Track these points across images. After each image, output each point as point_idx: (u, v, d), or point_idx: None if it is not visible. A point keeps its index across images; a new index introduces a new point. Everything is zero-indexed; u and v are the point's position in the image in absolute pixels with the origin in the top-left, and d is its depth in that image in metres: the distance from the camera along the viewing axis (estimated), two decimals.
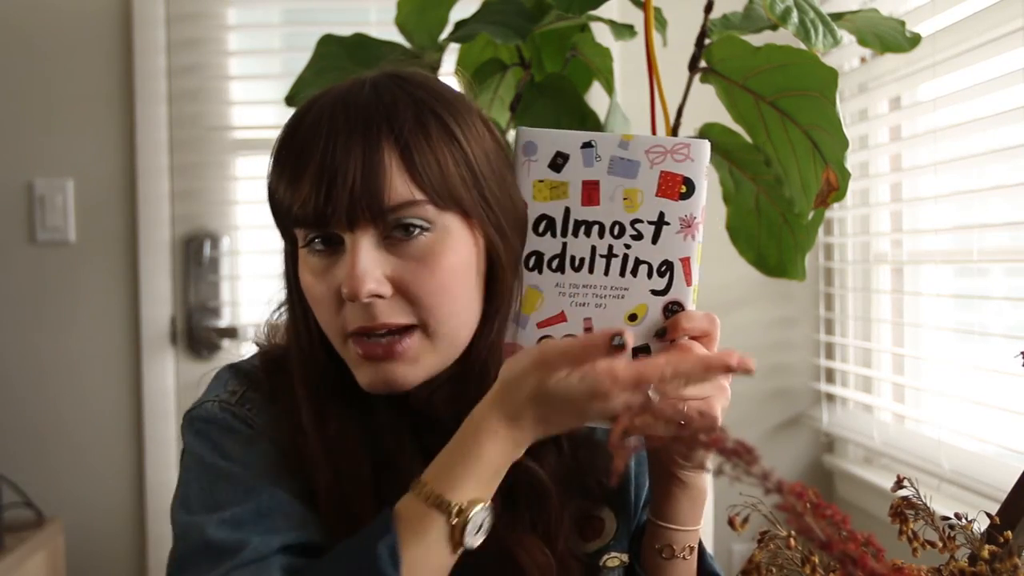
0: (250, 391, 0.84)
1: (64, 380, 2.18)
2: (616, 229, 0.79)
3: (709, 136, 1.33)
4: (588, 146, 0.79)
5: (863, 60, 2.08)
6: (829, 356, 2.23)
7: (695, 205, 0.78)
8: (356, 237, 0.75)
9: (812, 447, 2.27)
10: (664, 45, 1.41)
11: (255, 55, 2.34)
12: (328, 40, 1.47)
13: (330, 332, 0.80)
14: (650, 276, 0.78)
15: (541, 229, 0.80)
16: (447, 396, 0.82)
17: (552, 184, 0.79)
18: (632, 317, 0.78)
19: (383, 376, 0.77)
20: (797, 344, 2.27)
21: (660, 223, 0.78)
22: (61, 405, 2.18)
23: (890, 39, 1.28)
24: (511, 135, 1.41)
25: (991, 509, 0.75)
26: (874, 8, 1.59)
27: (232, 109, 2.28)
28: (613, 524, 0.89)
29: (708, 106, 1.33)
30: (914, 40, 1.29)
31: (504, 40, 1.31)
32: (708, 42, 1.29)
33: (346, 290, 0.75)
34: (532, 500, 0.82)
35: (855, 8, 1.76)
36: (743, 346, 2.39)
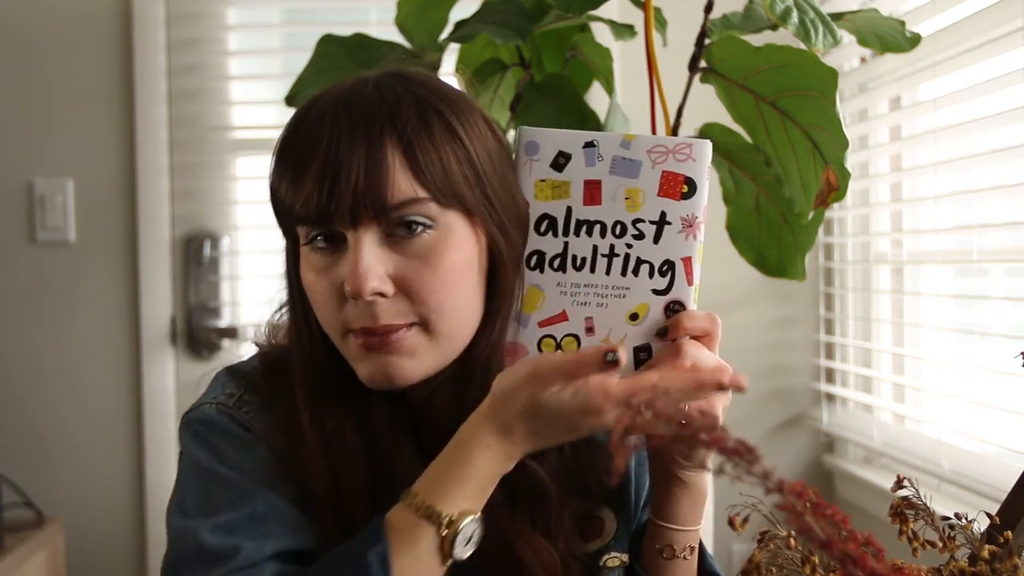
0: (247, 394, 0.84)
1: (64, 380, 2.18)
2: (618, 228, 0.79)
3: (709, 136, 1.33)
4: (590, 146, 0.79)
5: (863, 60, 2.08)
6: (829, 356, 2.23)
7: (697, 205, 0.78)
8: (359, 235, 0.75)
9: (812, 447, 2.27)
10: (664, 45, 1.41)
11: (255, 55, 2.34)
12: (328, 40, 1.47)
13: (330, 329, 0.80)
14: (651, 275, 0.78)
15: (543, 228, 0.80)
16: (448, 395, 0.82)
17: (554, 183, 0.79)
18: (633, 316, 0.78)
19: (383, 368, 0.77)
20: (797, 344, 2.27)
21: (662, 223, 0.78)
22: (61, 405, 2.18)
23: (890, 39, 1.28)
24: (511, 135, 1.41)
25: (991, 509, 0.75)
26: (874, 8, 1.59)
27: (232, 109, 2.27)
28: (613, 524, 0.89)
29: (708, 106, 1.33)
30: (914, 40, 1.29)
31: (504, 40, 1.31)
32: (708, 42, 1.29)
33: (349, 287, 0.75)
34: (532, 499, 0.82)
35: (855, 8, 1.76)
36: (743, 346, 2.38)
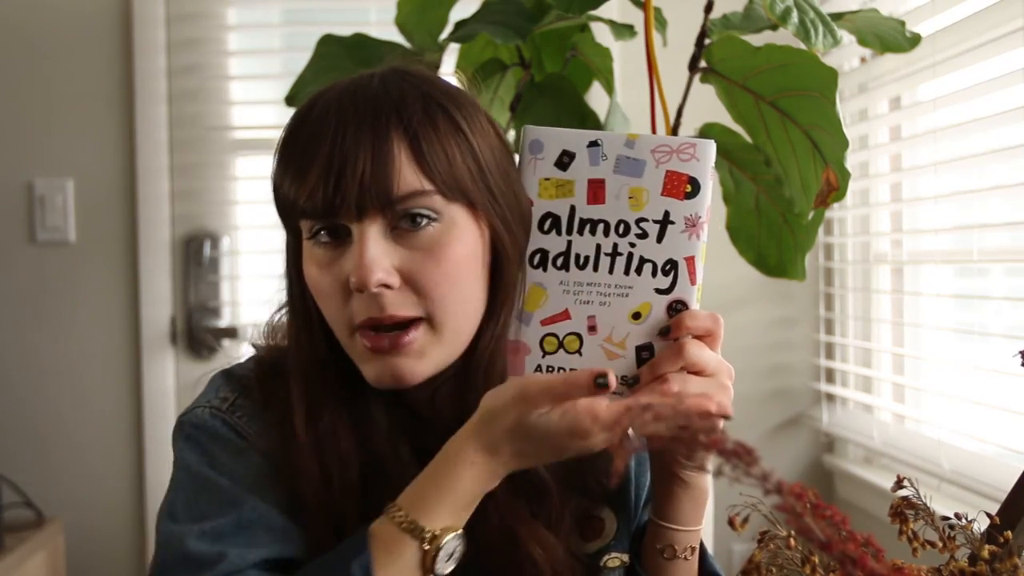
0: (241, 398, 0.83)
1: (64, 380, 2.18)
2: (621, 228, 0.79)
3: (709, 136, 1.33)
4: (594, 145, 0.79)
5: (863, 60, 2.08)
6: (829, 356, 2.23)
7: (700, 205, 0.78)
8: (364, 227, 0.75)
9: (812, 447, 2.27)
10: (664, 45, 1.40)
11: (255, 55, 2.34)
12: (328, 40, 1.47)
13: (336, 326, 0.79)
14: (654, 275, 0.78)
15: (546, 227, 0.80)
16: (450, 393, 0.82)
17: (558, 182, 0.80)
18: (636, 315, 0.78)
19: (390, 370, 0.77)
20: (797, 344, 2.27)
21: (665, 222, 0.78)
22: (61, 405, 2.18)
23: (890, 39, 1.28)
24: (511, 135, 1.41)
25: (991, 509, 0.75)
26: (874, 8, 1.59)
27: (232, 109, 2.28)
28: (613, 524, 0.89)
29: (708, 106, 1.33)
30: (914, 40, 1.29)
31: (504, 40, 1.31)
32: (708, 42, 1.29)
33: (354, 279, 0.75)
34: (533, 498, 0.82)
35: (855, 8, 1.76)
36: (743, 346, 2.38)
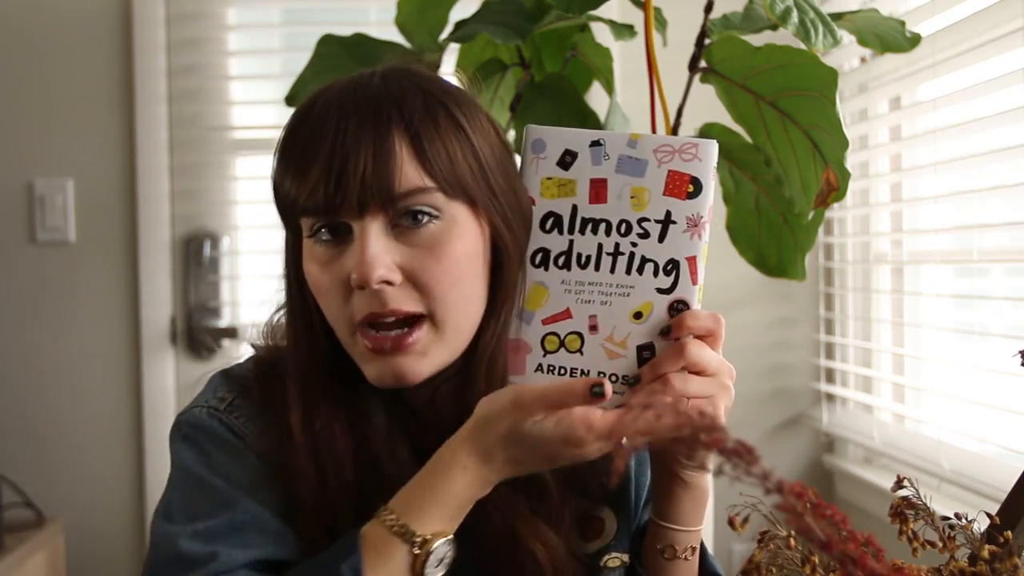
0: (239, 398, 0.83)
1: (64, 380, 2.18)
2: (623, 227, 0.79)
3: (709, 136, 1.33)
4: (596, 144, 0.79)
5: (863, 60, 2.08)
6: (829, 356, 2.23)
7: (702, 205, 0.79)
8: (365, 224, 0.75)
9: (812, 447, 2.27)
10: (664, 45, 1.40)
11: (255, 55, 2.34)
12: (328, 40, 1.47)
13: (337, 324, 0.79)
14: (656, 274, 0.78)
15: (548, 226, 0.80)
16: (451, 392, 0.81)
17: (560, 181, 0.80)
18: (637, 315, 0.78)
19: (392, 370, 0.77)
20: (797, 344, 2.27)
21: (667, 222, 0.78)
22: (61, 405, 2.18)
23: (890, 39, 1.28)
24: (511, 135, 1.41)
25: (991, 509, 0.75)
26: (874, 8, 1.59)
27: (232, 109, 2.28)
28: (613, 524, 0.89)
29: (708, 106, 1.33)
30: (914, 40, 1.29)
31: (504, 40, 1.31)
32: (708, 42, 1.29)
33: (356, 276, 0.74)
34: (533, 498, 0.82)
35: (855, 8, 1.76)
36: (743, 346, 2.38)
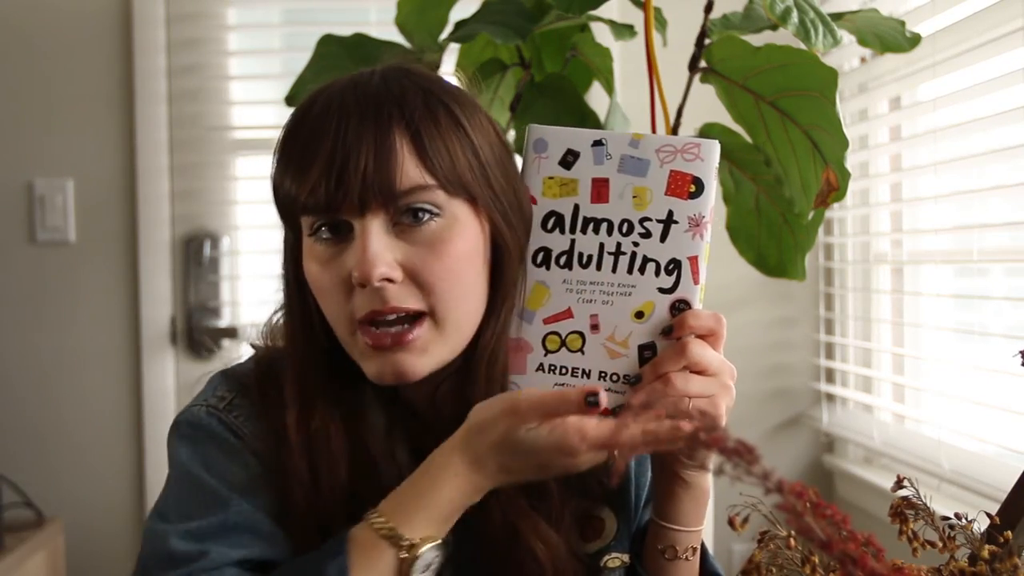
0: (239, 398, 0.83)
1: (64, 380, 2.18)
2: (625, 227, 0.79)
3: (709, 136, 1.33)
4: (598, 144, 0.79)
5: (863, 60, 2.08)
6: (829, 356, 2.23)
7: (704, 204, 0.79)
8: (366, 222, 0.75)
9: (812, 447, 2.27)
10: (664, 45, 1.40)
11: (255, 55, 2.34)
12: (328, 40, 1.47)
13: (338, 323, 0.79)
14: (657, 274, 0.78)
15: (550, 225, 0.80)
16: (451, 391, 0.81)
17: (562, 181, 0.80)
18: (639, 314, 0.78)
19: (392, 366, 0.77)
20: (797, 344, 2.27)
21: (669, 221, 0.78)
22: (61, 405, 2.18)
23: (890, 39, 1.28)
24: (511, 135, 1.41)
25: (991, 509, 0.75)
26: (874, 8, 1.59)
27: (232, 109, 2.28)
28: (613, 524, 0.89)
29: (708, 106, 1.33)
30: (914, 40, 1.29)
31: (504, 40, 1.31)
32: (708, 42, 1.29)
33: (357, 274, 0.74)
34: (533, 497, 0.82)
35: (855, 8, 1.76)
36: (743, 346, 2.38)
